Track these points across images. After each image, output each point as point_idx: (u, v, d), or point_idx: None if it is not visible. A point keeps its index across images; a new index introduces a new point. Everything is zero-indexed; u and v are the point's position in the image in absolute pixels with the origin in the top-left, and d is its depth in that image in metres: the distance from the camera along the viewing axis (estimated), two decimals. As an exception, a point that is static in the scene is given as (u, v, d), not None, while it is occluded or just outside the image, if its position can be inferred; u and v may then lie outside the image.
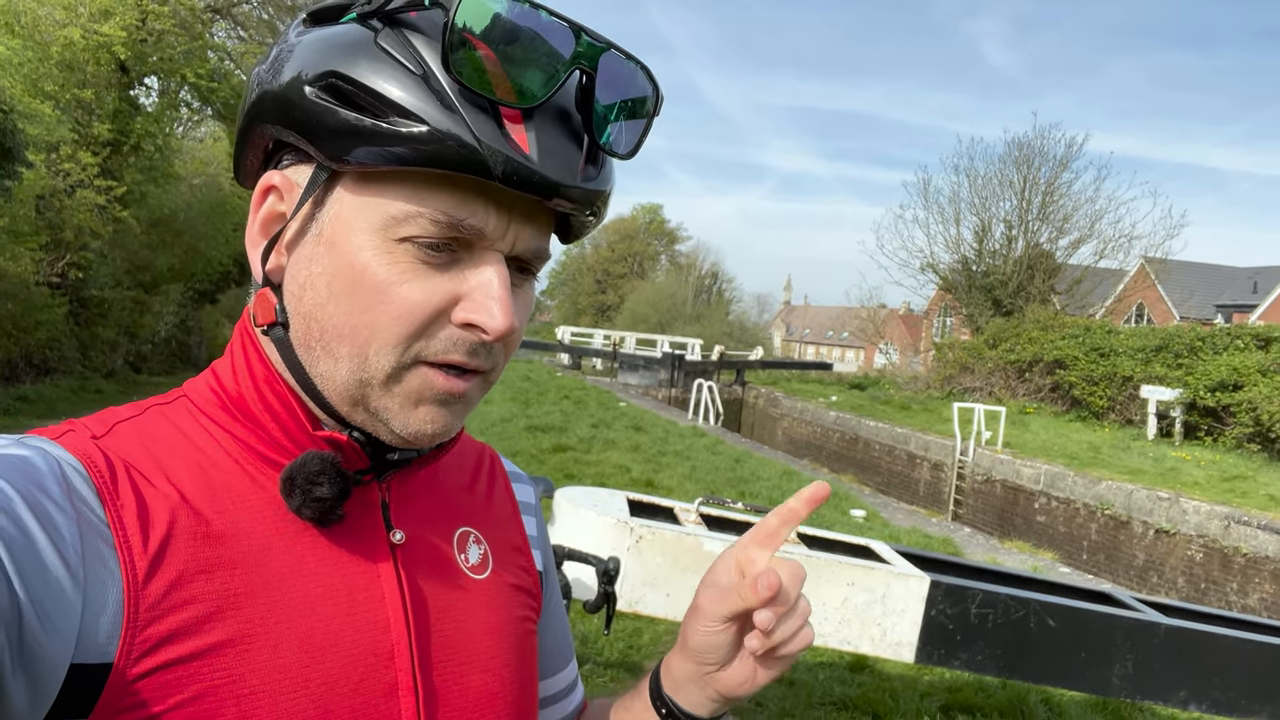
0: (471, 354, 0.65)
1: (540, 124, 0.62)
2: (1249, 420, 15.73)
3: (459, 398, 0.66)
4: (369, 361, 0.63)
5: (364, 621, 0.67)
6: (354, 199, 0.63)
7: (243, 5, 20.10)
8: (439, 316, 0.63)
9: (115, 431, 0.65)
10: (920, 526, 10.62)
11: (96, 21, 15.25)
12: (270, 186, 0.68)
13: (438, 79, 0.60)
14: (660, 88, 0.69)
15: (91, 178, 15.17)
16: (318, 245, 0.65)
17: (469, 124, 0.59)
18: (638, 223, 71.57)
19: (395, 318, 0.62)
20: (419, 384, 0.64)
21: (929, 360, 31.65)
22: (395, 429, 0.65)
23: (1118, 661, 3.30)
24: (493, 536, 0.81)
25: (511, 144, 0.60)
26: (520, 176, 0.60)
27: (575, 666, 0.93)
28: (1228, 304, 40.16)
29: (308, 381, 0.66)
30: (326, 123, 0.61)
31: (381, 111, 0.60)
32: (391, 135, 0.59)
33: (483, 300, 0.63)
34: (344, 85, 0.61)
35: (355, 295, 0.63)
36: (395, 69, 0.61)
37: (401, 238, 0.62)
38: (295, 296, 0.66)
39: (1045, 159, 29.09)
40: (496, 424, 14.67)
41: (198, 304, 24.50)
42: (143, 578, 0.58)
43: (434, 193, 0.61)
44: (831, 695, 4.84)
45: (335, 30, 0.64)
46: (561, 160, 0.62)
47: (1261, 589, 11.70)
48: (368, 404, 0.65)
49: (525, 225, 0.65)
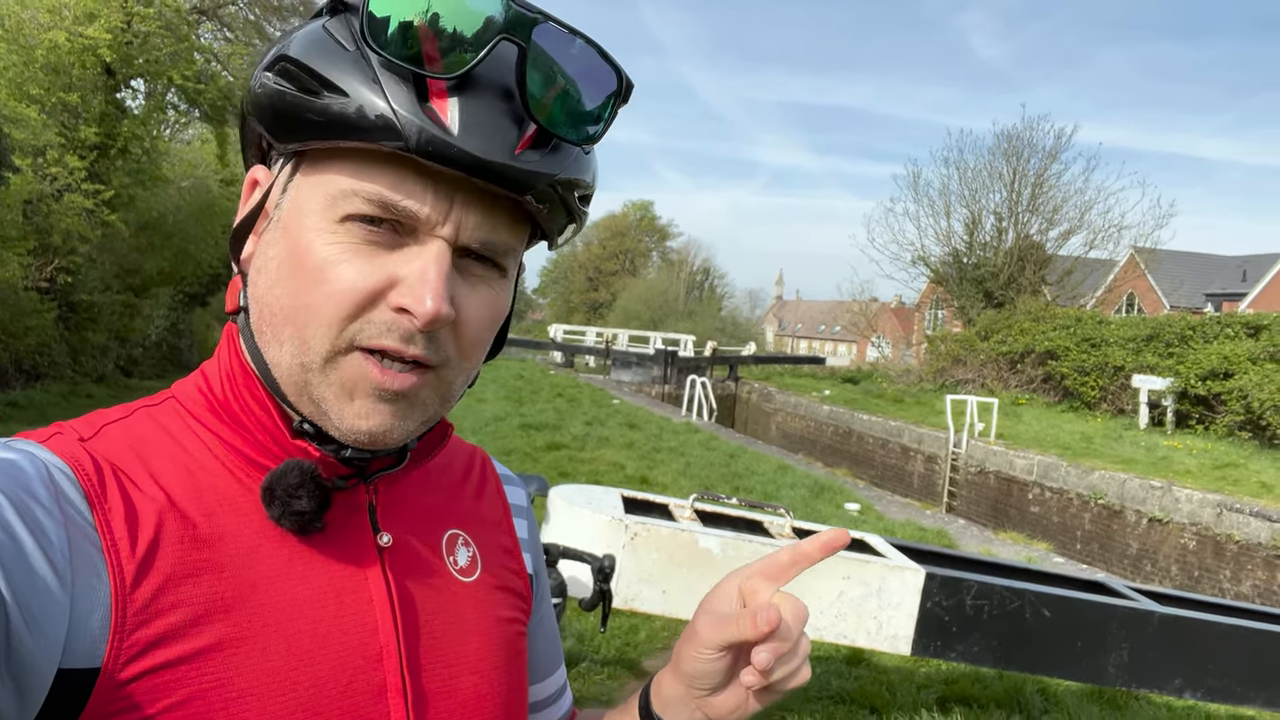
0: (406, 340, 0.62)
1: (470, 98, 0.60)
2: (1240, 408, 15.81)
3: (400, 396, 0.64)
4: (307, 344, 0.63)
5: (352, 624, 0.66)
6: (307, 181, 0.64)
7: (229, 6, 19.99)
8: (375, 299, 0.62)
9: (103, 434, 0.64)
10: (914, 519, 10.65)
11: (81, 24, 15.15)
12: (254, 181, 0.69)
13: (367, 55, 0.60)
14: (624, 72, 0.66)
15: (79, 181, 15.09)
16: (276, 230, 0.65)
17: (387, 95, 0.59)
18: (629, 219, 71.54)
19: (329, 296, 0.61)
20: (353, 371, 0.63)
21: (921, 353, 31.74)
22: (334, 421, 0.64)
23: (1113, 650, 3.31)
24: (482, 539, 0.81)
25: (430, 114, 0.59)
26: (436, 148, 0.59)
27: (564, 672, 0.92)
28: (1217, 293, 40.32)
29: (265, 370, 0.66)
30: (275, 105, 0.63)
31: (316, 89, 0.60)
32: (321, 109, 0.60)
33: (414, 284, 0.61)
34: (291, 68, 0.62)
35: (298, 276, 0.63)
36: (331, 47, 0.61)
37: (342, 217, 0.62)
38: (254, 282, 0.67)
39: (1034, 151, 29.20)
40: (490, 422, 14.66)
41: (188, 307, 24.39)
42: (130, 582, 0.58)
43: (373, 173, 0.61)
44: (828, 689, 4.85)
45: (309, 23, 0.65)
46: (489, 137, 0.60)
47: (1254, 575, 11.77)
48: (310, 392, 0.64)
49: (471, 213, 0.63)
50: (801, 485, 11.57)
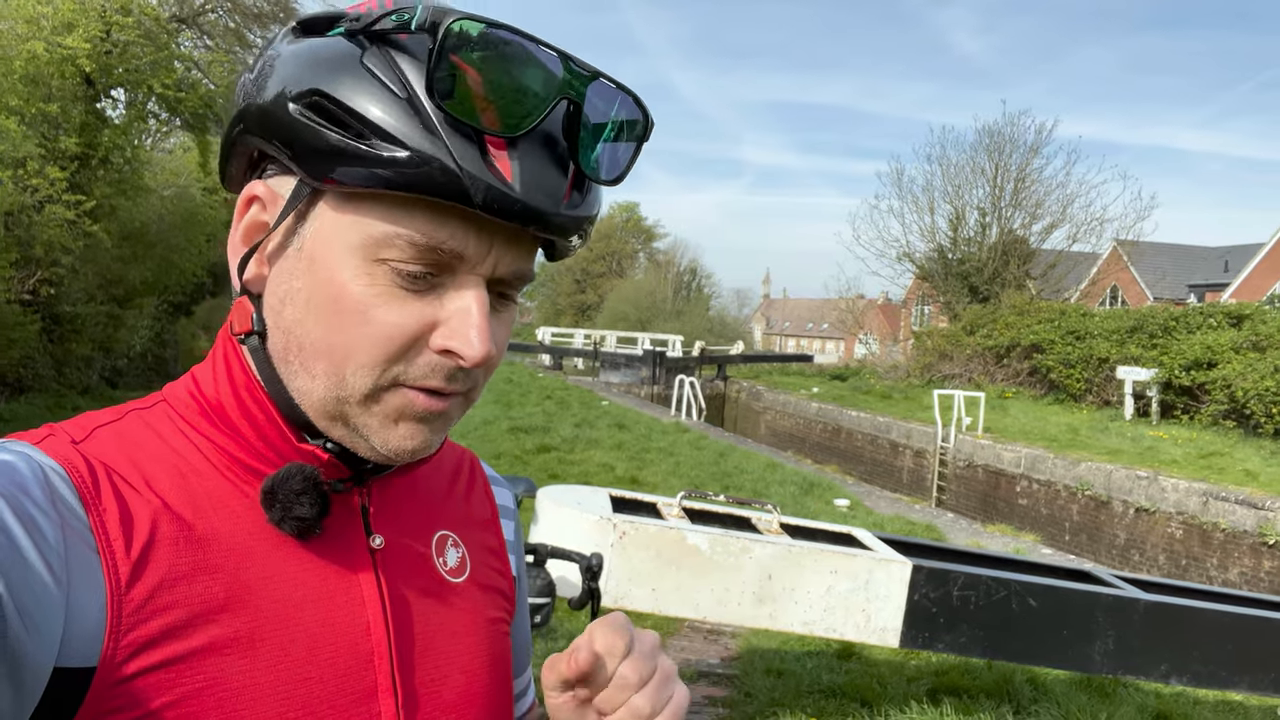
0: (450, 379, 0.65)
1: (524, 152, 0.62)
2: (1224, 397, 15.92)
3: (439, 415, 0.66)
4: (346, 381, 0.64)
5: (344, 625, 0.67)
6: (336, 216, 0.63)
7: (208, 14, 19.90)
8: (417, 341, 0.63)
9: (95, 436, 0.65)
10: (903, 514, 10.70)
11: (60, 34, 15.03)
12: (254, 196, 0.68)
13: (422, 103, 0.60)
14: (650, 115, 0.69)
15: (60, 192, 14.96)
16: (299, 260, 0.65)
17: (451, 150, 0.59)
18: (615, 221, 71.44)
19: (373, 341, 0.62)
20: (399, 403, 0.64)
21: (908, 349, 31.85)
22: (375, 445, 0.66)
23: (1099, 638, 3.35)
24: (471, 540, 0.82)
25: (494, 172, 0.60)
26: (501, 205, 0.60)
27: (530, 671, 0.94)
28: (1200, 283, 40.60)
29: (283, 393, 0.66)
30: (309, 141, 0.61)
31: (364, 133, 0.60)
32: (373, 158, 0.59)
33: (460, 328, 0.62)
34: (327, 104, 0.61)
35: (333, 314, 0.63)
36: (379, 90, 0.60)
37: (380, 259, 0.62)
38: (275, 310, 0.66)
39: (1016, 146, 29.33)
40: (479, 426, 14.64)
41: (173, 317, 24.24)
42: (125, 582, 0.58)
43: (414, 215, 0.61)
44: (819, 683, 4.87)
45: (321, 44, 0.64)
46: (544, 188, 0.62)
47: (1241, 563, 11.87)
48: (347, 420, 0.65)
49: (507, 250, 0.64)
50: (791, 482, 11.60)
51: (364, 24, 0.62)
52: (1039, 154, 29.22)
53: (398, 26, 0.60)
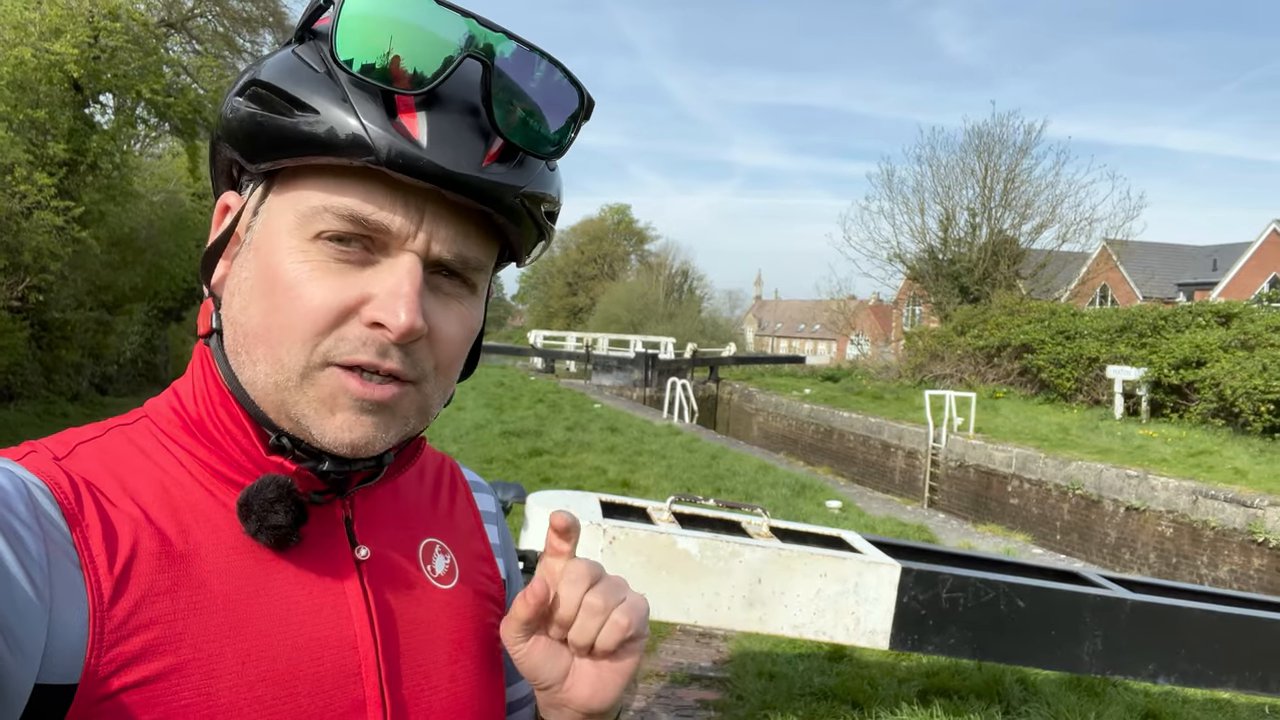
0: (382, 354, 0.63)
1: (437, 113, 0.63)
2: (1212, 396, 16.00)
3: (382, 406, 0.65)
4: (282, 362, 0.64)
5: (330, 639, 0.67)
6: (278, 201, 0.66)
7: (197, 19, 19.85)
8: (348, 316, 0.63)
9: (77, 453, 0.65)
10: (895, 515, 10.72)
11: (47, 40, 14.97)
12: (226, 207, 0.71)
13: (337, 74, 0.63)
14: (583, 87, 0.69)
15: (48, 198, 14.89)
16: (248, 252, 0.67)
17: (357, 111, 0.61)
18: (606, 224, 71.48)
19: (302, 315, 0.63)
20: (332, 386, 0.64)
21: (900, 349, 31.93)
22: (315, 436, 0.65)
23: (1086, 638, 3.37)
24: (457, 546, 0.82)
25: (399, 129, 0.61)
26: (407, 161, 0.61)
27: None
28: (1189, 282, 40.79)
29: (240, 389, 0.67)
30: (247, 128, 0.65)
31: (287, 109, 0.63)
32: (291, 128, 0.62)
33: (387, 298, 0.62)
34: (262, 91, 0.64)
35: (270, 295, 0.64)
36: (301, 70, 0.64)
37: (313, 235, 0.63)
38: (226, 304, 0.68)
39: (1005, 146, 29.50)
40: (471, 430, 14.62)
41: (163, 322, 24.14)
42: (108, 598, 0.58)
43: (342, 189, 0.63)
44: (811, 686, 4.88)
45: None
46: (458, 148, 0.62)
47: (1231, 561, 11.92)
48: (288, 409, 0.65)
49: (441, 225, 0.64)
50: (783, 484, 11.62)
51: (300, 24, 0.67)
52: (1028, 154, 29.45)
53: (315, 12, 0.65)
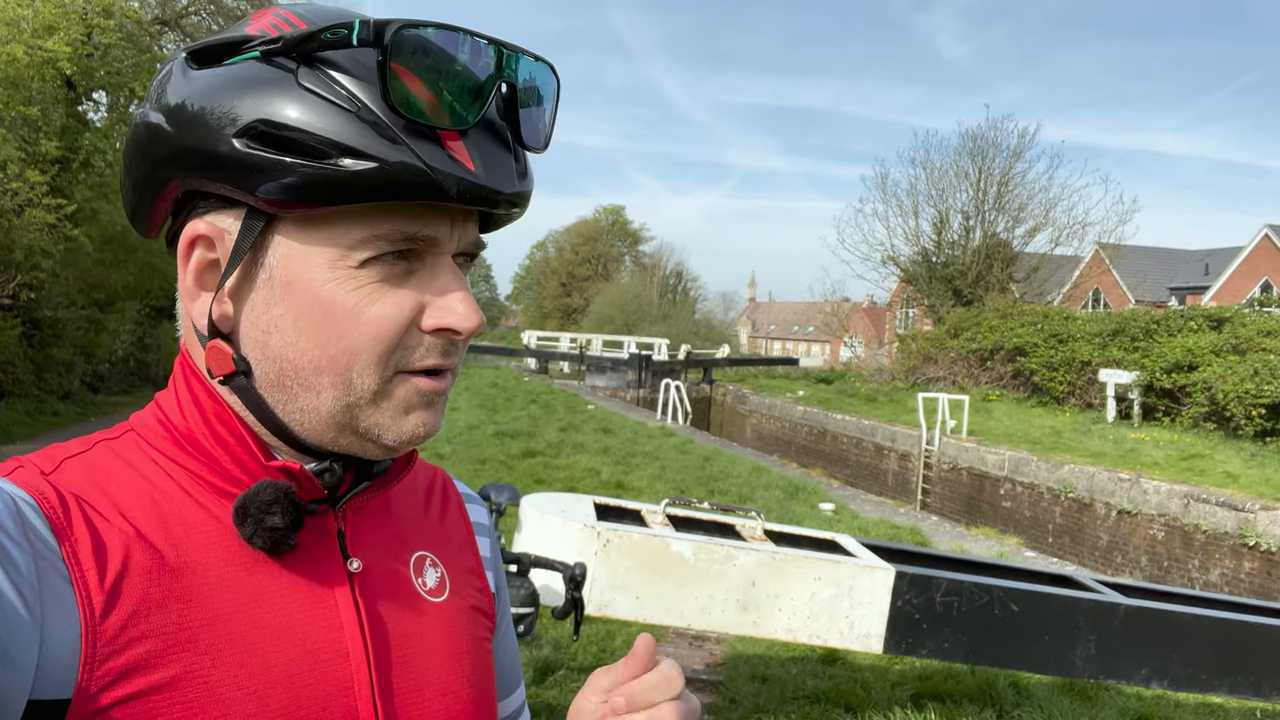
0: (445, 355, 0.68)
1: (475, 139, 0.65)
2: (1204, 400, 16.06)
3: (441, 394, 0.70)
4: (353, 385, 0.65)
5: (323, 652, 0.67)
6: (302, 235, 0.64)
7: (191, 17, 19.81)
8: (410, 327, 0.66)
9: (64, 468, 0.64)
10: (888, 517, 10.74)
11: (40, 37, 14.91)
12: (197, 236, 0.66)
13: (371, 112, 0.61)
14: (559, 77, 0.73)
15: (40, 196, 14.83)
16: (272, 289, 0.65)
17: (416, 152, 0.61)
18: (600, 224, 71.53)
19: (373, 337, 0.65)
20: (405, 392, 0.67)
21: (893, 352, 32.00)
22: (388, 441, 0.68)
23: (1080, 643, 3.37)
24: (449, 559, 0.81)
25: (459, 165, 0.63)
26: (472, 192, 0.64)
27: (523, 690, 0.94)
28: (1181, 286, 40.99)
29: (276, 421, 0.67)
30: (266, 172, 0.61)
31: (325, 153, 0.60)
32: (337, 175, 0.60)
33: (449, 303, 0.66)
34: (274, 132, 0.61)
35: (327, 326, 0.64)
36: (327, 108, 0.61)
37: (361, 262, 0.64)
38: (259, 342, 0.66)
39: (999, 150, 29.60)
40: (464, 431, 14.60)
41: (155, 321, 24.04)
42: (99, 612, 0.58)
43: (386, 215, 0.63)
44: (804, 689, 4.88)
45: (239, 71, 0.63)
46: (502, 170, 0.66)
47: (1222, 564, 11.97)
48: (357, 425, 0.67)
49: (466, 226, 0.69)
50: (776, 486, 11.64)
51: (288, 45, 0.62)
52: (1022, 158, 29.55)
53: (336, 41, 0.61)
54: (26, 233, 14.61)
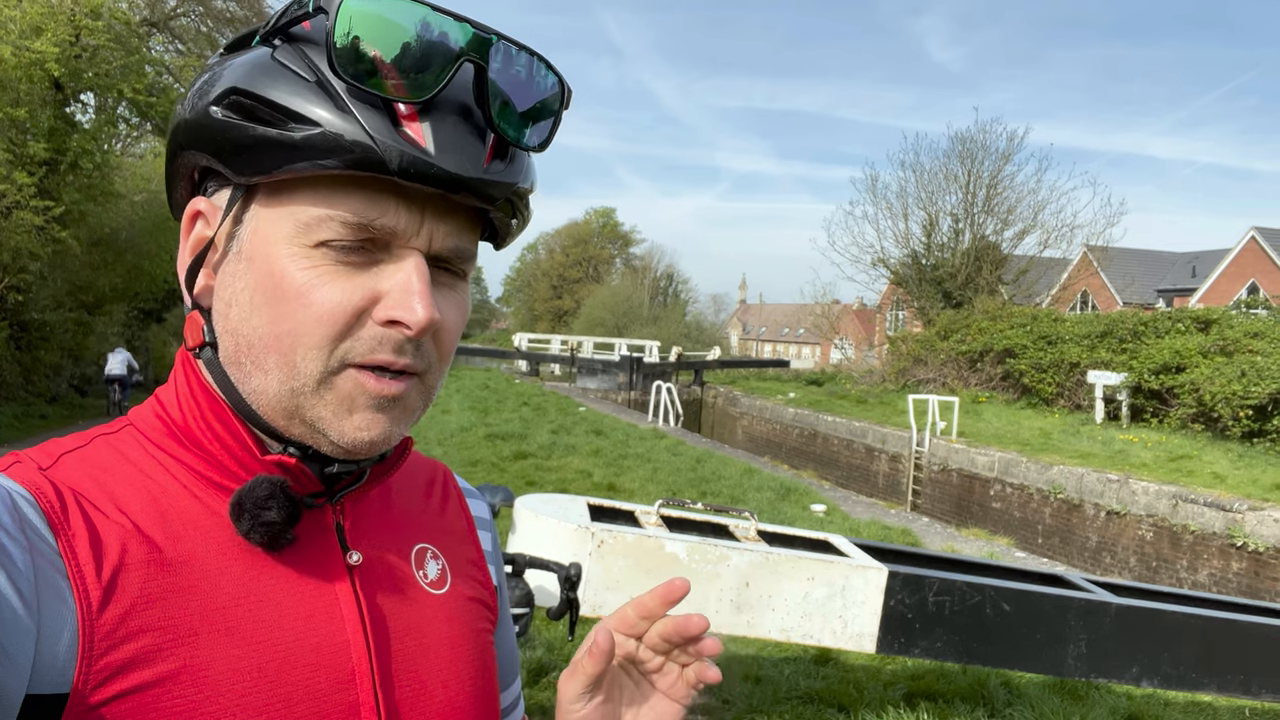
0: (398, 351, 0.65)
1: (438, 118, 0.63)
2: (1192, 401, 16.15)
3: (395, 401, 0.66)
4: (297, 368, 0.64)
5: (323, 645, 0.67)
6: (269, 211, 0.65)
7: (180, 18, 19.73)
8: (361, 316, 0.64)
9: (61, 462, 0.64)
10: (879, 518, 10.76)
11: (28, 38, 14.84)
12: (196, 213, 0.69)
13: (330, 82, 0.62)
14: (565, 80, 0.71)
15: (28, 198, 14.75)
16: (239, 261, 0.66)
17: (361, 121, 0.61)
18: (591, 227, 71.45)
19: (317, 319, 0.63)
20: (350, 387, 0.65)
21: (883, 354, 32.07)
22: (333, 438, 0.65)
23: (1071, 642, 3.38)
24: (449, 551, 0.81)
25: (406, 138, 0.61)
26: (418, 170, 0.61)
27: (520, 683, 0.94)
28: (1168, 288, 41.25)
29: (241, 400, 0.67)
30: (232, 139, 0.63)
31: (280, 120, 0.61)
32: (290, 142, 0.61)
33: (402, 295, 0.63)
34: (245, 100, 0.63)
35: (277, 303, 0.64)
36: (290, 78, 0.62)
37: (317, 242, 0.63)
38: (222, 315, 0.67)
39: (988, 153, 29.72)
40: (456, 433, 14.57)
41: (144, 323, 23.96)
42: (97, 607, 0.58)
43: (344, 196, 0.63)
44: (797, 689, 4.89)
45: (244, 54, 0.66)
46: (462, 153, 0.63)
47: (1210, 564, 12.03)
48: (302, 414, 0.65)
49: (440, 223, 0.65)
50: (768, 488, 11.65)
51: (272, 26, 0.65)
52: (1011, 161, 29.66)
53: (297, 17, 0.63)
54: (14, 235, 14.53)
